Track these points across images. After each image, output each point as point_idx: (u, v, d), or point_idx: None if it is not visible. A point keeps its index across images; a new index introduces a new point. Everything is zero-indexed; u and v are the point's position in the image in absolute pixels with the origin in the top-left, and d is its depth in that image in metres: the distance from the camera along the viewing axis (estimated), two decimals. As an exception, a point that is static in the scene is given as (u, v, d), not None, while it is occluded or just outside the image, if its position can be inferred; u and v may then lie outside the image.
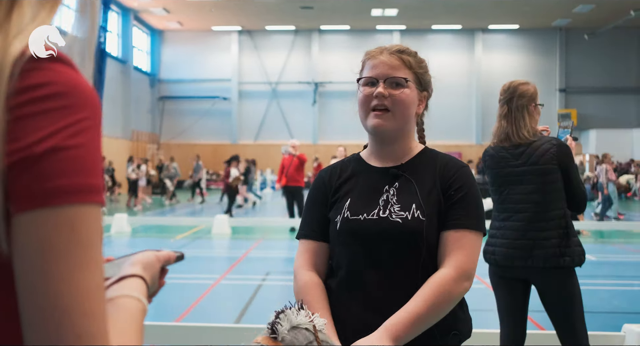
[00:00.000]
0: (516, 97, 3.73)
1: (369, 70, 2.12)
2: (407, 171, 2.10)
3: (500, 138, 3.76)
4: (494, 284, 3.83)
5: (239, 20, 35.55)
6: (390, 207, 2.03)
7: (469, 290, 1.98)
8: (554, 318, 3.65)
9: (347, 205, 2.09)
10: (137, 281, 1.07)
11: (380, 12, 33.17)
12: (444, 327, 1.96)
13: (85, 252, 0.81)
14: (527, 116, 3.71)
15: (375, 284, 2.00)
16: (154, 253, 1.18)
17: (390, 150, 2.14)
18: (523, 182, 3.65)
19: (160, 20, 36.01)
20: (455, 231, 1.99)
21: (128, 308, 0.98)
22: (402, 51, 2.16)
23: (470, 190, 2.06)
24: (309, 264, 2.13)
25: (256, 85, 38.31)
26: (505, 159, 3.72)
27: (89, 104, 0.84)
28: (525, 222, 3.62)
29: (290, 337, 1.66)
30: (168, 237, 14.07)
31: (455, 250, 1.97)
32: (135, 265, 1.11)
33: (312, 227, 2.18)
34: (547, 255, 3.53)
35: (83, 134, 0.82)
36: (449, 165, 2.10)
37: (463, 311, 2.08)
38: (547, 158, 3.59)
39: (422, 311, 1.86)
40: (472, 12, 33.18)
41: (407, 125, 2.12)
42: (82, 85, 0.85)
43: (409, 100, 2.09)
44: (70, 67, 0.85)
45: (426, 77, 2.19)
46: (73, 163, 0.81)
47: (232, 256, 11.70)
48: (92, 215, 0.82)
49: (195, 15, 34.52)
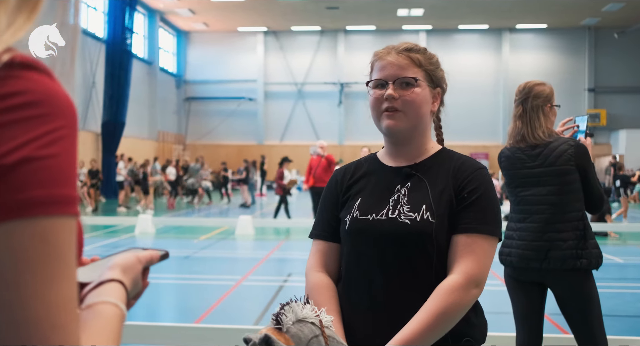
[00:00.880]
0: (531, 98, 3.68)
1: (378, 72, 2.07)
2: (420, 171, 2.05)
3: (516, 139, 3.72)
4: (510, 287, 3.78)
5: (265, 21, 35.62)
6: (400, 207, 1.98)
7: (479, 297, 1.92)
8: (571, 321, 3.59)
9: (357, 204, 2.06)
10: (115, 286, 1.04)
11: (406, 12, 33.03)
12: (456, 333, 1.91)
13: (57, 265, 0.79)
14: (542, 117, 3.66)
15: (382, 286, 1.95)
16: (134, 254, 1.15)
17: (405, 150, 2.09)
18: (540, 184, 3.61)
19: (186, 21, 36.19)
20: (466, 235, 1.92)
21: (105, 315, 0.97)
22: (410, 49, 2.08)
23: (485, 193, 1.98)
24: (320, 265, 2.10)
25: (282, 86, 38.36)
26: (522, 160, 3.68)
27: (65, 113, 0.83)
28: (541, 224, 3.57)
29: (295, 329, 1.64)
30: (192, 238, 14.08)
31: (465, 255, 1.90)
32: (114, 268, 1.08)
33: (324, 227, 2.15)
34: (564, 257, 3.48)
35: (58, 144, 0.81)
36: (464, 166, 2.04)
37: (477, 316, 2.02)
38: (564, 159, 3.54)
39: (432, 323, 1.81)
40: (499, 12, 32.92)
41: (421, 124, 2.07)
42: (59, 93, 0.83)
43: (420, 99, 2.03)
44: (47, 75, 0.83)
45: (438, 73, 2.12)
46: (46, 174, 0.79)
47: (254, 257, 11.65)
48: (66, 227, 0.81)
49: (221, 16, 34.64)
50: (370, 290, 1.97)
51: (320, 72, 37.95)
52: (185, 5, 32.59)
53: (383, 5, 31.71)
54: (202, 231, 15.17)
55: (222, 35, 38.27)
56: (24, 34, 0.85)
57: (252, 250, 13.14)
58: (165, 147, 35.76)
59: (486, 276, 1.92)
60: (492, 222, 1.95)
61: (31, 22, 0.87)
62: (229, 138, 38.45)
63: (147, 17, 33.85)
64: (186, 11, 33.59)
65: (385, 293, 1.94)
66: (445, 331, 1.84)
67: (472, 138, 35.18)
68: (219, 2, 31.51)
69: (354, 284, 2.02)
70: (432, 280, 1.91)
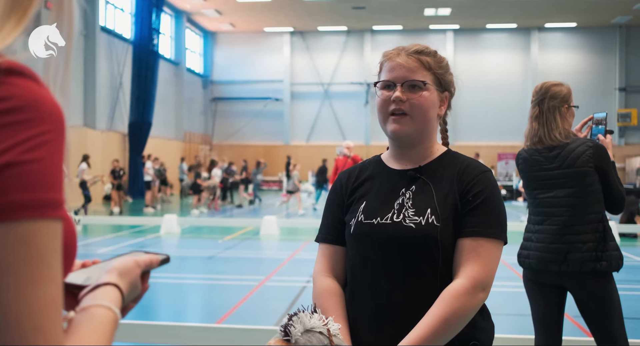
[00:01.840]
0: (548, 98, 3.64)
1: (387, 73, 2.05)
2: (425, 174, 2.03)
3: (533, 140, 3.69)
4: (528, 289, 3.76)
5: (291, 21, 35.62)
6: (405, 211, 1.96)
7: (485, 300, 1.90)
8: (592, 324, 3.55)
9: (361, 208, 2.04)
10: (111, 290, 1.05)
11: (433, 11, 32.82)
12: (463, 337, 1.89)
13: (40, 268, 0.81)
14: (559, 118, 3.62)
15: (387, 290, 1.94)
16: (133, 258, 1.16)
17: (410, 153, 2.08)
18: (558, 186, 3.58)
19: (212, 22, 36.31)
20: (471, 239, 1.90)
21: (98, 318, 0.98)
22: (421, 52, 2.05)
23: (490, 196, 1.96)
24: (326, 270, 2.09)
25: (308, 86, 38.34)
26: (539, 162, 3.65)
27: (51, 118, 0.84)
28: (560, 226, 3.54)
29: (304, 340, 1.64)
30: (216, 238, 14.07)
31: (470, 259, 1.88)
32: (111, 272, 1.09)
33: (329, 230, 2.14)
34: (583, 260, 3.45)
35: (42, 148, 0.82)
36: (469, 169, 2.01)
37: (484, 320, 2.00)
38: (582, 160, 3.50)
39: (438, 328, 1.79)
40: (527, 11, 32.57)
41: (428, 128, 2.05)
42: (45, 99, 0.84)
43: (428, 103, 2.01)
44: (33, 81, 0.85)
45: (447, 77, 2.09)
46: (30, 178, 0.81)
47: (278, 257, 11.58)
48: (49, 231, 0.83)
49: (247, 17, 34.69)
50: (375, 294, 1.96)
51: (347, 72, 37.86)
52: (212, 5, 32.68)
53: (410, 4, 31.53)
54: (227, 231, 15.17)
55: (248, 36, 38.35)
56: (12, 40, 0.86)
57: (276, 250, 13.09)
58: (192, 147, 35.90)
59: (492, 280, 1.90)
60: (498, 225, 1.94)
61: (20, 28, 0.89)
62: (255, 139, 38.52)
63: (173, 18, 34.02)
64: (213, 12, 33.68)
65: (390, 297, 1.93)
66: (452, 335, 1.83)
67: (499, 139, 34.91)
68: (246, 3, 31.54)
69: (359, 288, 2.01)
70: (438, 284, 1.89)
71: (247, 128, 38.64)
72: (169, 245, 13.37)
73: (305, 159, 35.63)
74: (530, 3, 31.13)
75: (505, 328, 6.11)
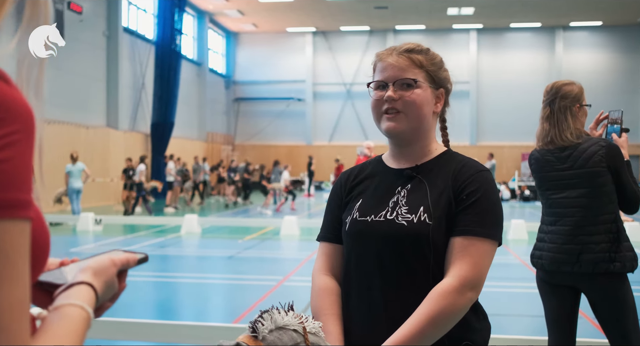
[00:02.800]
0: (559, 98, 3.61)
1: (379, 74, 2.08)
2: (422, 173, 2.04)
3: (544, 141, 3.66)
4: (541, 290, 3.74)
5: (314, 21, 35.60)
6: (398, 209, 1.97)
7: (475, 300, 1.88)
8: (605, 326, 3.51)
9: (357, 206, 2.06)
10: (84, 289, 1.05)
11: (456, 11, 32.63)
12: (454, 337, 1.88)
13: (5, 268, 0.81)
14: (571, 117, 3.59)
15: (380, 288, 1.95)
16: (109, 256, 1.16)
17: (407, 151, 2.09)
18: (570, 186, 3.55)
19: (235, 22, 36.39)
20: (463, 238, 1.89)
21: (69, 317, 0.98)
22: (411, 50, 2.08)
23: (485, 195, 1.94)
24: (325, 268, 2.11)
25: (331, 86, 38.30)
26: (551, 163, 3.62)
27: (20, 118, 0.84)
28: (573, 226, 3.50)
29: (272, 337, 1.60)
30: (237, 238, 14.07)
31: (460, 258, 1.87)
32: (85, 271, 1.09)
33: (328, 229, 2.16)
34: (596, 261, 3.41)
35: (11, 148, 0.82)
36: (465, 168, 2.01)
37: (478, 321, 1.98)
38: (595, 160, 3.47)
39: (425, 327, 1.79)
40: (552, 9, 32.25)
41: (423, 126, 2.05)
42: (15, 99, 0.84)
43: (421, 101, 2.02)
44: (3, 81, 0.85)
45: (440, 74, 2.09)
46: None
47: (297, 257, 11.56)
48: (16, 231, 0.82)
49: (269, 17, 34.72)
50: (368, 291, 1.97)
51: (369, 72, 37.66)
52: (234, 6, 32.74)
53: (433, 4, 31.36)
54: (248, 231, 15.16)
55: (271, 36, 38.39)
56: None
57: (296, 250, 13.05)
58: (214, 147, 36.02)
59: (483, 279, 1.89)
60: (491, 225, 1.92)
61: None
62: (277, 139, 38.57)
63: (196, 18, 34.14)
64: (235, 12, 33.75)
65: (382, 295, 1.94)
66: (439, 334, 1.82)
67: (523, 138, 34.57)
68: (268, 3, 31.57)
69: (353, 285, 2.02)
70: (430, 281, 1.89)
71: (269, 129, 38.70)
72: (189, 245, 13.40)
73: (327, 159, 35.57)
74: (554, 1, 30.83)
75: (527, 330, 6.00)
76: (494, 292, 8.37)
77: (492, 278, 8.98)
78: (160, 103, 26.99)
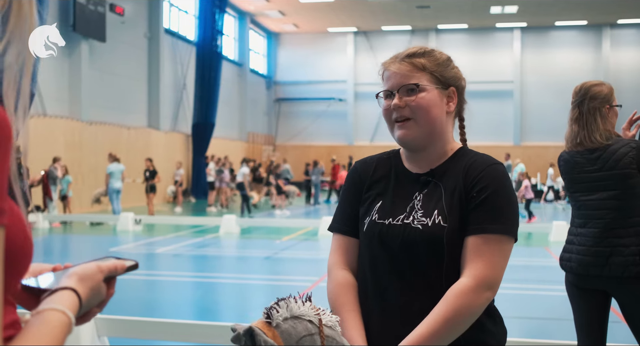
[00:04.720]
0: (588, 99, 3.53)
1: (385, 83, 2.08)
2: (437, 176, 2.03)
3: (573, 143, 3.59)
4: (570, 293, 3.66)
5: (355, 21, 35.47)
6: (414, 213, 1.98)
7: (491, 300, 1.87)
8: (636, 331, 3.42)
9: (377, 207, 2.05)
10: (67, 294, 1.06)
11: (499, 9, 32.18)
12: (470, 338, 1.87)
13: None
14: (600, 119, 3.51)
15: (395, 291, 1.95)
16: (96, 263, 1.17)
17: (423, 155, 2.07)
18: (600, 188, 3.48)
19: (276, 23, 36.47)
20: (477, 237, 1.87)
21: (50, 321, 0.98)
22: (413, 54, 2.06)
23: (497, 190, 1.91)
24: (343, 262, 2.08)
25: (372, 86, 38.06)
26: (580, 164, 3.56)
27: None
28: (602, 229, 3.44)
29: (287, 326, 1.60)
30: (275, 238, 14.03)
31: (475, 258, 1.86)
32: (71, 277, 1.10)
33: (345, 221, 2.12)
34: (626, 264, 3.34)
35: None
36: (475, 164, 1.98)
37: (494, 324, 1.97)
38: (625, 162, 3.39)
39: (441, 327, 1.79)
40: (598, 7, 31.60)
41: (435, 129, 2.02)
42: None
43: (427, 103, 2.00)
44: None
45: (447, 73, 2.06)
46: None
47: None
48: None
49: (310, 17, 34.71)
50: (383, 294, 1.97)
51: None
52: (275, 7, 32.80)
53: (475, 2, 30.98)
54: (286, 232, 15.11)
55: (312, 36, 38.39)
56: None
57: (334, 251, 12.90)
58: (255, 148, 36.14)
59: (500, 277, 1.88)
60: (504, 220, 1.89)
61: None
62: (318, 139, 38.54)
63: (237, 19, 34.30)
64: (276, 13, 33.81)
65: (397, 297, 1.94)
66: (455, 335, 1.82)
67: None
68: (309, 3, 31.54)
69: (368, 287, 2.02)
70: (444, 284, 1.88)
71: (310, 129, 38.70)
72: (229, 246, 13.39)
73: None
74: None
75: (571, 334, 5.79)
76: (536, 295, 8.15)
77: (532, 281, 8.79)
78: (201, 103, 27.16)
